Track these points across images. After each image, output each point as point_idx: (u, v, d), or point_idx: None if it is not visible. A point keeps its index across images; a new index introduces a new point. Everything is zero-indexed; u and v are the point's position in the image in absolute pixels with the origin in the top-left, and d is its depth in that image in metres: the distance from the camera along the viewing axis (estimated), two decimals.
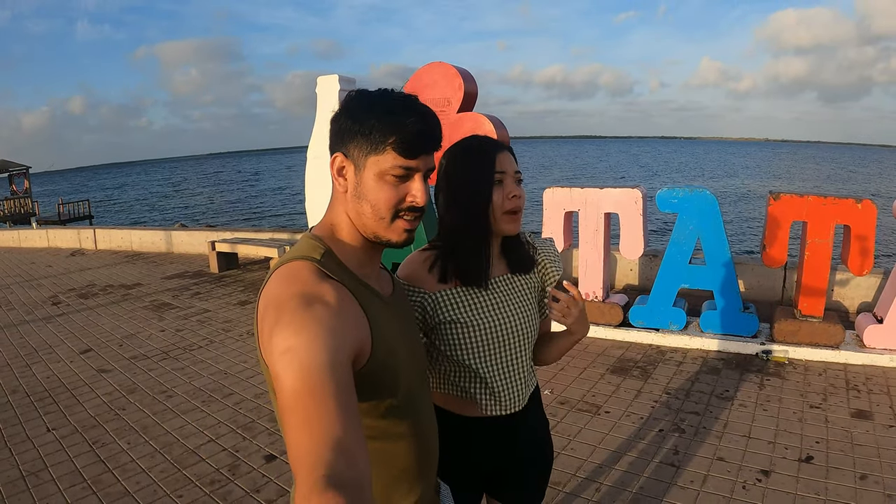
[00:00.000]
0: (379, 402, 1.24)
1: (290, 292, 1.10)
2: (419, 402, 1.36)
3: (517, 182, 1.63)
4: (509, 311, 1.68)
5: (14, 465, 3.99)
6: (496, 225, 1.62)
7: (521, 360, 1.72)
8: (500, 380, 1.68)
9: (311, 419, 0.96)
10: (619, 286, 7.79)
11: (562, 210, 6.08)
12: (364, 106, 1.20)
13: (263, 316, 1.12)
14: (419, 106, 1.22)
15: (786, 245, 5.22)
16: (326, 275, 1.17)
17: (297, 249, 1.24)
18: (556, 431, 4.06)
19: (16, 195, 31.54)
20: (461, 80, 6.20)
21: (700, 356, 5.30)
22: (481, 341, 1.64)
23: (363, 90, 1.24)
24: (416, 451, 1.33)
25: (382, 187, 1.20)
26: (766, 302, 6.60)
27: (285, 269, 1.18)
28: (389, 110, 1.18)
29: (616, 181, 54.99)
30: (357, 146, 1.20)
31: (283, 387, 1.00)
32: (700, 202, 5.36)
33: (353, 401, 1.03)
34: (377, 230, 1.24)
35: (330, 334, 1.04)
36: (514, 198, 1.61)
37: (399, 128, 1.17)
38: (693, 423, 4.09)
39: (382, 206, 1.20)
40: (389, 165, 1.18)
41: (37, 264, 12.16)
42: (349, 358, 1.08)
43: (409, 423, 1.30)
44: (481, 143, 1.67)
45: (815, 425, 4.01)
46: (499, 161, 1.61)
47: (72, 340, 6.72)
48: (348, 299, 1.16)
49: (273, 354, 1.04)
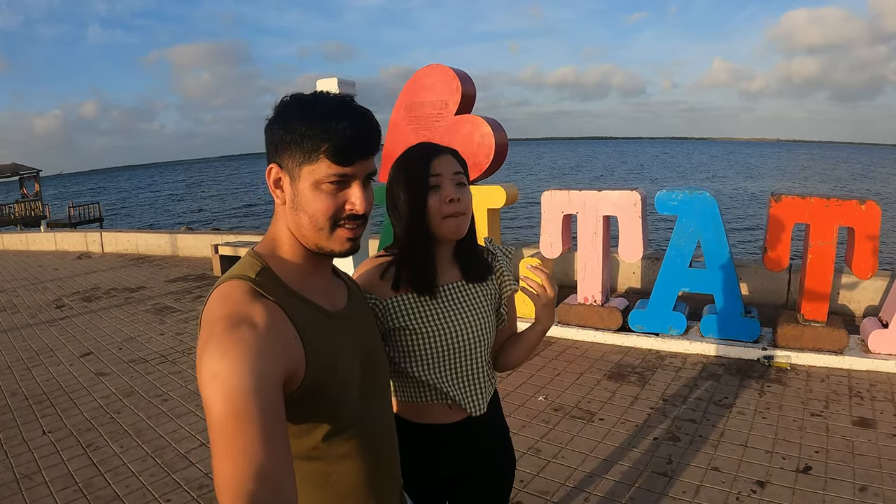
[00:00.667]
0: (319, 422, 1.20)
1: (219, 314, 1.07)
2: (371, 420, 1.31)
3: (458, 185, 1.59)
4: (460, 319, 1.64)
5: (9, 468, 4.02)
6: (437, 230, 1.59)
7: (473, 368, 1.68)
8: (455, 387, 1.65)
9: (235, 447, 0.94)
10: (622, 289, 7.72)
11: (560, 213, 6.02)
12: (295, 113, 1.14)
13: (199, 337, 1.09)
14: (353, 108, 1.16)
15: (788, 248, 5.14)
16: (260, 294, 1.13)
17: (236, 268, 1.20)
18: (548, 439, 4.01)
19: (26, 198, 31.78)
20: (459, 83, 6.16)
21: (700, 362, 5.22)
22: (429, 349, 1.61)
23: (297, 95, 1.19)
24: (366, 470, 1.28)
25: (319, 197, 1.15)
26: (770, 305, 6.51)
27: (220, 289, 1.14)
28: (320, 116, 1.12)
29: (641, 183, 54.64)
30: (290, 156, 1.15)
31: (209, 413, 0.98)
32: (700, 204, 5.29)
33: (280, 426, 1.01)
34: (318, 241, 1.19)
35: (256, 358, 1.01)
36: (451, 202, 1.57)
37: (331, 134, 1.11)
38: (689, 432, 4.02)
39: (320, 216, 1.16)
40: (324, 174, 1.14)
41: (44, 267, 12.24)
42: (278, 381, 1.04)
43: (355, 443, 1.26)
44: (420, 148, 1.65)
45: (816, 434, 3.93)
46: (434, 165, 1.58)
47: (73, 344, 6.74)
48: (280, 319, 1.12)
49: (201, 378, 1.01)
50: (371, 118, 1.19)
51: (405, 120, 6.60)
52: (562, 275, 7.83)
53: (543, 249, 6.18)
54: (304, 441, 1.19)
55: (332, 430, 1.21)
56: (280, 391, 1.04)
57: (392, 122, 6.78)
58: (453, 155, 1.63)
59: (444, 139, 6.30)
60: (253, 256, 1.21)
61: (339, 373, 1.21)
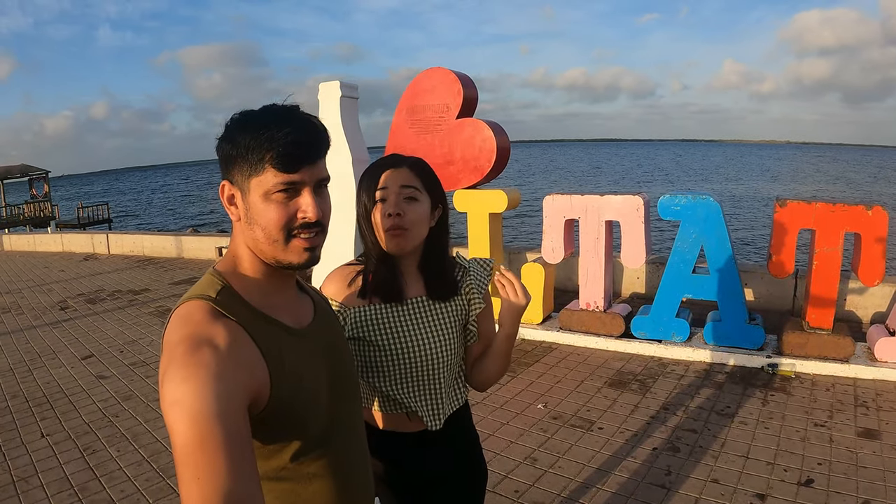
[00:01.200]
0: (287, 442, 1.17)
1: (179, 336, 1.05)
2: (342, 437, 1.29)
3: (406, 199, 1.57)
4: (421, 335, 1.62)
5: (6, 470, 4.02)
6: (384, 244, 1.59)
7: (432, 384, 1.65)
8: (412, 401, 1.64)
9: (201, 473, 0.93)
10: (626, 294, 7.67)
11: (562, 218, 5.97)
12: (239, 127, 1.13)
13: (161, 360, 1.07)
14: (295, 115, 1.14)
15: (793, 254, 5.07)
16: (221, 314, 1.10)
17: (196, 288, 1.17)
18: (546, 448, 3.96)
19: (35, 199, 31.93)
20: (460, 86, 6.13)
21: (703, 369, 5.16)
22: (388, 363, 1.60)
23: (245, 111, 1.16)
24: (337, 489, 1.26)
25: (269, 208, 1.12)
26: (776, 312, 6.44)
27: (180, 309, 1.12)
28: (262, 125, 1.10)
29: (662, 186, 54.28)
30: (238, 170, 1.13)
31: (173, 439, 0.96)
32: (703, 209, 5.23)
33: (247, 449, 0.99)
34: (275, 254, 1.16)
35: (218, 380, 0.99)
36: (389, 216, 1.56)
37: (273, 142, 1.09)
38: (689, 442, 3.96)
39: (273, 227, 1.13)
40: (272, 183, 1.11)
41: (50, 268, 12.29)
42: (243, 403, 1.02)
43: (324, 462, 1.23)
44: (378, 160, 1.64)
45: (819, 445, 3.85)
46: (383, 178, 1.58)
47: (75, 346, 6.74)
48: (242, 339, 1.09)
49: (164, 403, 0.99)
50: (315, 123, 1.16)
51: (407, 123, 6.58)
52: (564, 280, 7.78)
53: (545, 255, 6.14)
54: (272, 461, 1.17)
55: (300, 449, 1.19)
56: (245, 413, 1.02)
57: (394, 125, 6.76)
58: (412, 167, 1.61)
59: (445, 143, 6.26)
60: (213, 275, 1.19)
61: (306, 392, 1.18)
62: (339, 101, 7.29)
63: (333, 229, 5.62)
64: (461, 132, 6.21)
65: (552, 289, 6.59)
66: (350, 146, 7.29)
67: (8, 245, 16.11)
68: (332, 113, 7.39)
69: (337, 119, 7.33)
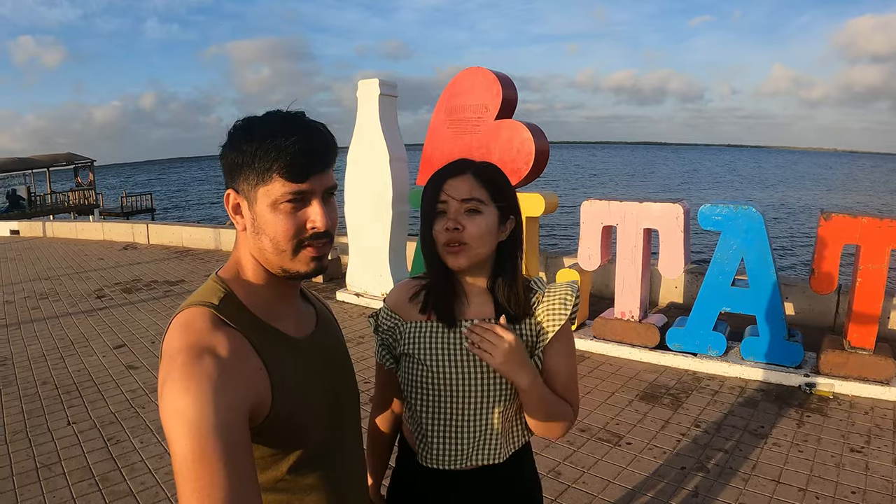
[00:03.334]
0: (284, 454, 1.14)
1: (181, 344, 1.02)
2: (338, 449, 1.26)
3: (468, 212, 1.43)
4: (475, 360, 1.47)
5: (30, 457, 4.06)
6: (444, 259, 1.46)
7: (477, 417, 1.49)
8: (439, 431, 1.50)
9: (202, 487, 0.92)
10: (663, 303, 7.52)
11: (600, 224, 5.85)
12: (245, 134, 1.09)
13: (160, 368, 1.05)
14: (303, 122, 1.10)
15: (836, 270, 4.87)
16: (223, 322, 1.08)
17: (198, 294, 1.15)
18: (571, 462, 3.86)
19: (80, 187, 32.64)
20: (500, 86, 6.05)
21: (738, 385, 4.99)
22: (431, 385, 1.48)
23: (249, 117, 1.12)
24: (332, 501, 1.22)
25: (278, 218, 1.09)
26: (815, 328, 6.22)
27: (181, 316, 1.09)
28: (269, 134, 1.06)
29: (727, 193, 53.41)
30: (245, 179, 1.10)
31: (173, 451, 0.94)
32: (744, 220, 5.06)
33: (248, 462, 0.98)
34: (282, 263, 1.13)
35: (220, 392, 0.97)
36: (446, 230, 1.42)
37: (281, 151, 1.05)
38: (719, 462, 3.82)
39: (281, 238, 1.10)
40: (280, 193, 1.07)
41: (89, 256, 12.51)
42: (244, 415, 1.00)
43: (321, 474, 1.20)
44: (442, 168, 1.51)
45: (854, 472, 3.68)
46: (445, 189, 1.44)
47: (108, 335, 6.82)
48: (245, 349, 1.07)
49: (163, 413, 0.97)
50: (323, 130, 1.12)
51: (445, 123, 6.53)
52: (601, 286, 7.65)
53: (582, 261, 6.02)
54: (269, 472, 1.14)
55: (298, 460, 1.16)
56: (246, 425, 1.01)
57: (432, 125, 6.71)
58: (477, 175, 1.46)
59: (482, 144, 6.19)
60: (216, 282, 1.16)
61: (306, 404, 1.16)
62: (377, 99, 7.27)
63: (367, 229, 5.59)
64: (499, 133, 6.13)
65: (588, 296, 6.48)
66: (388, 145, 7.26)
67: (50, 232, 16.46)
68: (370, 111, 7.37)
69: (375, 117, 7.31)
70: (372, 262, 7.66)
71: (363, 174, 7.53)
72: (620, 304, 5.87)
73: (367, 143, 7.45)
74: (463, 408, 1.48)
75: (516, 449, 1.59)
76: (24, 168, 31.43)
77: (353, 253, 8.02)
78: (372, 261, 7.66)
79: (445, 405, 1.48)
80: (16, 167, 31.21)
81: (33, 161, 31.83)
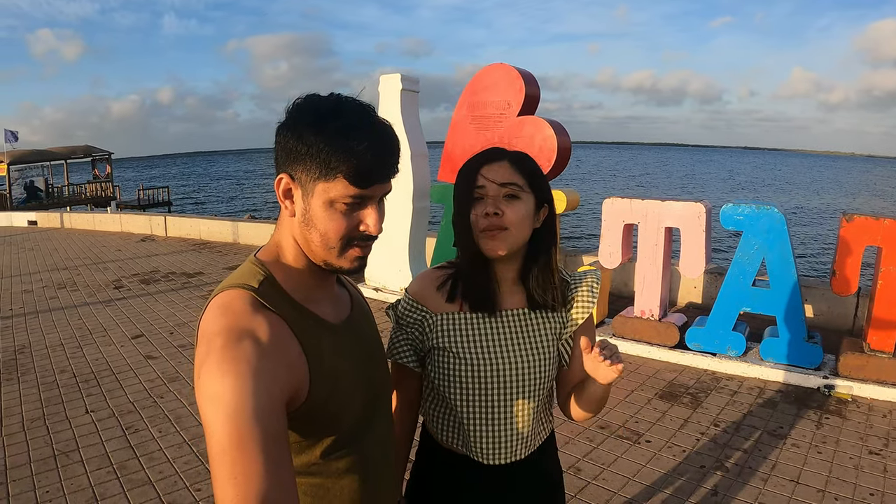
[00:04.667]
0: (318, 439, 1.14)
1: (220, 326, 1.01)
2: (370, 434, 1.25)
3: (506, 197, 1.40)
4: (515, 350, 1.46)
5: (48, 444, 4.09)
6: (480, 246, 1.43)
7: (521, 407, 1.48)
8: (481, 426, 1.47)
9: (238, 473, 0.90)
10: (682, 303, 7.47)
11: (621, 221, 5.82)
12: (312, 124, 1.04)
13: (197, 349, 1.03)
14: (374, 126, 1.07)
15: (857, 272, 4.82)
16: (263, 305, 1.06)
17: (237, 275, 1.13)
18: (591, 458, 3.84)
19: (98, 179, 32.85)
20: (522, 83, 6.04)
21: (757, 386, 4.95)
22: (469, 378, 1.44)
23: (312, 97, 1.09)
24: (365, 486, 1.22)
25: (333, 216, 1.08)
26: (835, 330, 6.16)
27: (220, 298, 1.08)
28: (340, 132, 1.03)
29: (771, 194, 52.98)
30: (305, 170, 1.07)
31: (209, 435, 0.94)
32: (767, 220, 5.02)
33: (284, 449, 0.97)
34: (327, 258, 1.12)
35: (259, 377, 0.96)
36: (486, 216, 1.39)
37: (352, 155, 1.03)
38: (738, 462, 3.79)
39: (332, 235, 1.09)
40: (340, 194, 1.06)
41: (107, 248, 12.59)
42: (281, 400, 0.99)
43: (353, 458, 1.20)
44: (477, 154, 1.47)
45: (872, 474, 3.64)
46: (484, 171, 1.41)
47: (126, 325, 6.86)
48: (284, 334, 1.06)
49: (200, 397, 0.97)
50: (393, 138, 1.10)
51: (467, 119, 6.52)
52: (620, 285, 7.62)
53: (602, 259, 5.99)
54: (303, 457, 1.14)
55: (331, 445, 1.15)
56: (283, 412, 1.00)
57: (454, 121, 6.70)
58: (514, 162, 1.44)
59: (504, 140, 6.18)
60: (255, 264, 1.15)
61: (342, 389, 1.15)
62: (399, 95, 7.26)
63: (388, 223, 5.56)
64: (521, 130, 6.11)
65: (607, 294, 6.45)
66: (409, 140, 7.25)
67: (68, 223, 16.58)
68: (391, 106, 7.36)
69: (397, 112, 7.30)
70: (392, 256, 7.66)
71: None
72: (640, 303, 5.84)
73: None
74: (504, 399, 1.46)
75: (546, 437, 1.60)
76: (42, 160, 31.67)
77: (372, 247, 7.99)
78: (392, 255, 7.65)
79: (487, 398, 1.46)
80: (34, 159, 31.45)
81: (51, 153, 32.06)
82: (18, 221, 17.89)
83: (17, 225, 17.66)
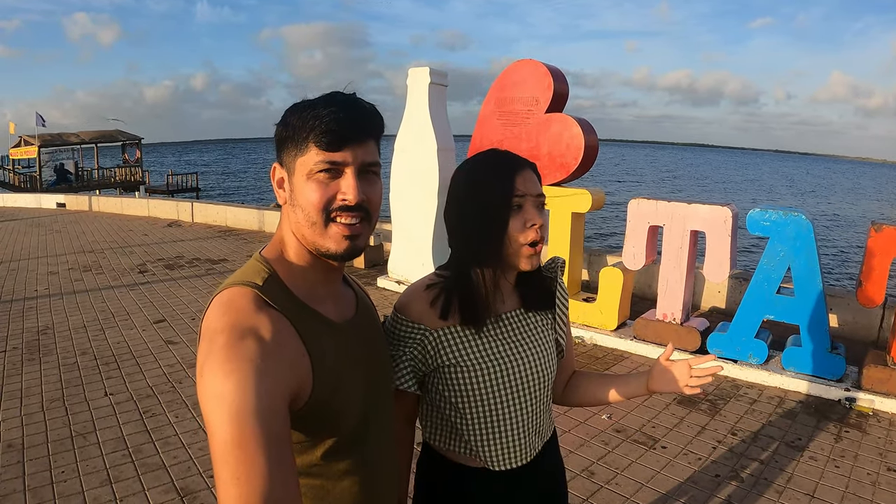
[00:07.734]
0: (320, 439, 1.13)
1: (222, 324, 1.01)
2: (370, 437, 1.24)
3: (538, 208, 1.37)
4: (522, 352, 1.44)
5: (66, 425, 4.15)
6: (512, 259, 1.38)
7: (533, 407, 1.48)
8: (507, 431, 1.45)
9: (240, 474, 0.91)
10: (705, 307, 7.38)
11: (646, 223, 5.75)
12: (291, 109, 1.11)
13: (199, 347, 1.03)
14: (346, 96, 1.10)
15: (884, 283, 4.71)
16: (266, 303, 1.06)
17: (240, 273, 1.13)
18: (605, 462, 3.81)
19: (127, 164, 33.27)
20: (551, 79, 5.99)
21: (777, 395, 4.88)
22: (486, 388, 1.41)
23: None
24: (363, 487, 1.21)
25: (310, 187, 1.08)
26: (859, 342, 6.04)
27: (223, 295, 1.07)
28: (310, 105, 1.08)
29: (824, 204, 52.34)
30: (287, 151, 1.11)
31: (212, 434, 0.93)
32: (794, 227, 4.93)
33: (287, 449, 0.96)
34: (314, 239, 1.11)
35: (262, 376, 0.96)
36: (533, 227, 1.35)
37: (318, 119, 1.05)
38: (754, 472, 3.73)
39: (311, 208, 1.08)
40: (314, 162, 1.07)
41: (134, 232, 12.73)
42: (284, 400, 0.99)
43: (354, 460, 1.19)
44: (500, 157, 1.42)
45: (890, 492, 3.55)
46: (520, 181, 1.36)
47: (149, 309, 6.93)
48: (288, 333, 1.05)
49: (202, 395, 0.96)
50: (364, 104, 1.11)
51: (495, 114, 6.48)
52: (644, 287, 7.55)
53: (626, 260, 5.94)
54: (303, 457, 1.13)
55: (333, 446, 1.15)
56: (286, 411, 1.00)
57: (482, 115, 6.67)
58: (535, 172, 1.42)
59: (532, 137, 6.14)
60: (259, 261, 1.15)
61: (344, 390, 1.14)
62: (427, 88, 7.23)
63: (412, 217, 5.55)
64: (549, 127, 6.07)
65: (630, 295, 6.39)
66: (436, 133, 7.22)
67: (96, 206, 16.80)
68: (419, 99, 7.34)
69: (424, 106, 7.27)
70: (415, 250, 7.65)
71: (410, 162, 7.52)
72: (663, 306, 5.78)
73: (416, 132, 7.44)
74: (518, 402, 1.45)
75: (550, 435, 1.61)
76: (72, 143, 32.13)
77: (396, 240, 8.02)
78: (415, 249, 7.65)
79: (501, 405, 1.43)
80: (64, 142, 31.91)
81: (81, 136, 32.51)
82: (47, 203, 18.17)
83: (46, 207, 17.94)
